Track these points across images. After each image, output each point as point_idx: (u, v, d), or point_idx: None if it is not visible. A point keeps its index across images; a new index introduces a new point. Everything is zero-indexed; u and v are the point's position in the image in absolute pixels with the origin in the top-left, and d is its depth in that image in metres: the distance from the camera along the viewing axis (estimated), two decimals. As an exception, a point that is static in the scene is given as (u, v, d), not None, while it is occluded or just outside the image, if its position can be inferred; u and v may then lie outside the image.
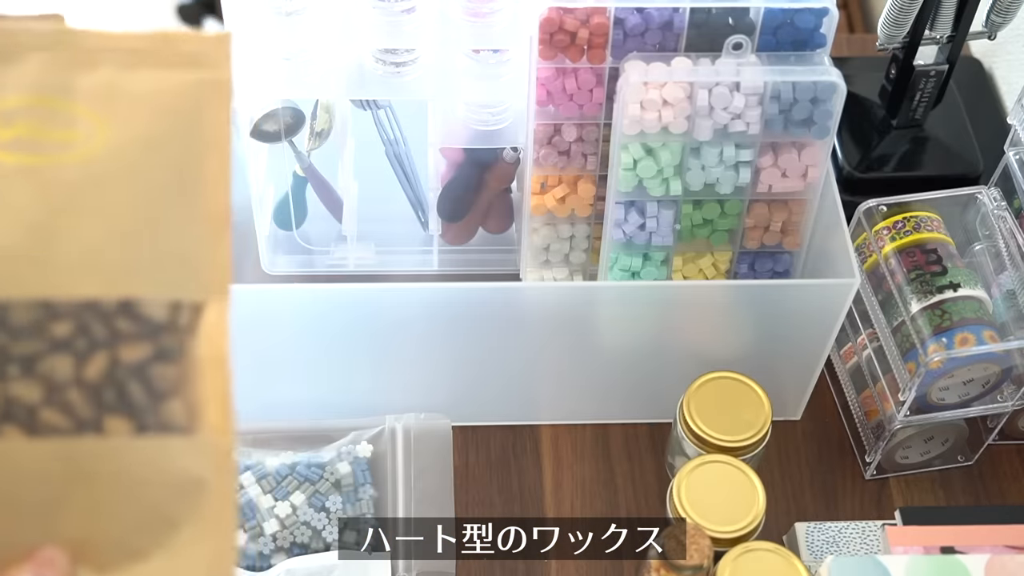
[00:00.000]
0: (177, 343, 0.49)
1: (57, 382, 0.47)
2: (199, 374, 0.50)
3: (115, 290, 0.48)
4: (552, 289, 0.98)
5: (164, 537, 0.49)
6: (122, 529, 0.49)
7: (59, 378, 0.48)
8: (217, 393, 0.50)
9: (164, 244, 0.49)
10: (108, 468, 0.48)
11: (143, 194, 0.49)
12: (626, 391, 1.05)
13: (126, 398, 0.48)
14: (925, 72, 1.12)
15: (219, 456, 0.49)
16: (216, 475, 0.49)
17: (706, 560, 0.84)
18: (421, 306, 0.95)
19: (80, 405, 0.48)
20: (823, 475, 1.05)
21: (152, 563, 0.49)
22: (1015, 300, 0.97)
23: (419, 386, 1.03)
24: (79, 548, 0.49)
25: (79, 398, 0.48)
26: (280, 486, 0.95)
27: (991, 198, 1.01)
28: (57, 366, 0.48)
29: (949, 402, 0.97)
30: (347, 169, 1.06)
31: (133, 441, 0.48)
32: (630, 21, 0.89)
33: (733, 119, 0.91)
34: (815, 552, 0.95)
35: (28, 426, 0.47)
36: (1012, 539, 0.92)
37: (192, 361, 0.49)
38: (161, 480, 0.49)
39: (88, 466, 0.48)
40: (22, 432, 0.47)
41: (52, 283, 0.48)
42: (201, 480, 0.49)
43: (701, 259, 1.01)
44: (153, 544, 0.49)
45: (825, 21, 0.90)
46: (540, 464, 1.05)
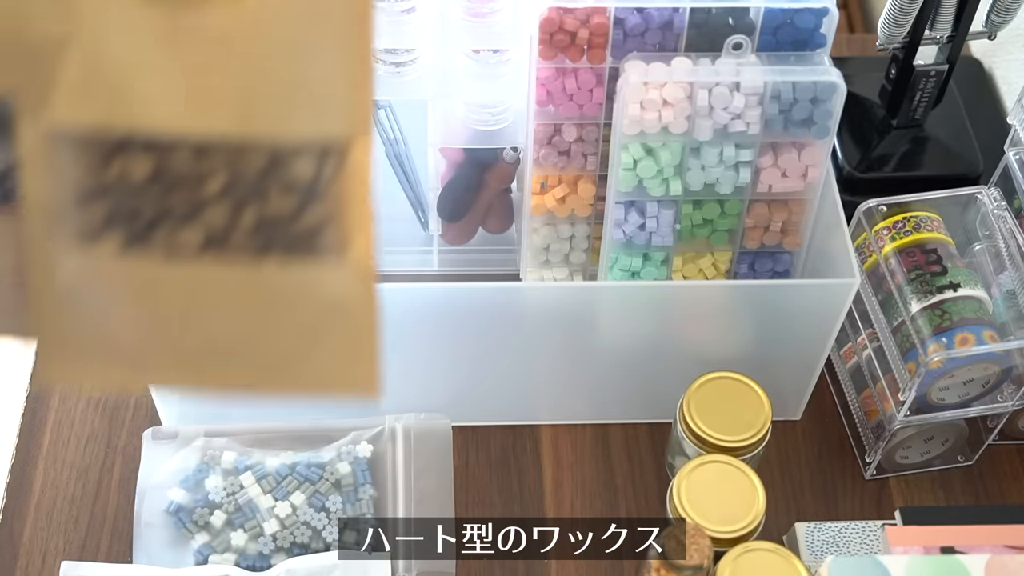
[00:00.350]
0: (326, 181, 0.54)
1: (221, 225, 0.54)
2: (347, 207, 0.54)
3: (270, 135, 0.53)
4: (552, 289, 0.98)
5: (315, 350, 0.56)
6: (279, 345, 0.56)
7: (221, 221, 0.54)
8: (363, 223, 0.55)
9: (315, 88, 0.53)
10: (280, 297, 0.55)
11: (295, 40, 0.52)
12: (626, 391, 1.05)
13: (283, 232, 0.54)
14: (925, 72, 1.12)
15: (366, 277, 0.56)
16: (364, 297, 0.56)
17: (706, 560, 0.84)
18: (421, 306, 0.95)
19: (241, 242, 0.54)
20: (823, 475, 1.05)
21: (304, 372, 0.57)
22: (1015, 300, 0.97)
23: (419, 386, 1.03)
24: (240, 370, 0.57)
25: (241, 237, 0.54)
26: (280, 486, 0.95)
27: (991, 198, 1.01)
28: (218, 210, 0.54)
29: (949, 402, 0.97)
30: (347, 169, 1.06)
31: (291, 269, 0.55)
32: (630, 21, 0.89)
33: (733, 119, 0.91)
34: (815, 552, 0.95)
35: (199, 256, 0.54)
36: (1012, 539, 0.92)
37: (341, 194, 0.54)
38: (322, 308, 0.55)
39: (262, 295, 0.55)
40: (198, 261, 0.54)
41: (212, 128, 0.53)
42: (351, 302, 0.56)
43: (701, 259, 1.01)
44: (305, 357, 0.57)
45: (825, 21, 0.90)
46: (540, 464, 1.05)
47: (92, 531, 1.00)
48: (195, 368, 0.58)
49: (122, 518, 1.01)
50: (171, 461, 0.98)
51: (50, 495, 1.02)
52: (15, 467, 1.04)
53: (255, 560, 0.94)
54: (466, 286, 0.94)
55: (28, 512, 1.01)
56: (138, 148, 0.53)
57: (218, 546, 0.94)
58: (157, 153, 0.54)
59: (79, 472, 1.03)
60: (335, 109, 0.55)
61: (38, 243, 0.56)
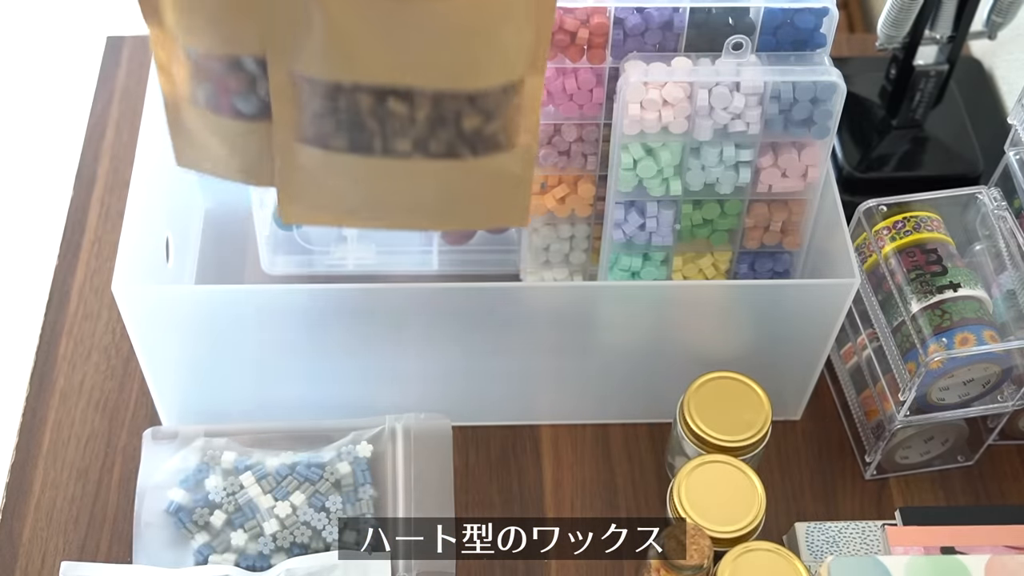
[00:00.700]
0: (506, 104, 0.77)
1: (423, 137, 0.78)
2: (519, 116, 0.79)
3: (469, 87, 0.76)
4: (552, 289, 0.98)
5: (491, 201, 0.83)
6: (462, 199, 0.82)
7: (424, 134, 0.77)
8: (529, 123, 0.79)
9: (508, 50, 0.75)
10: (466, 177, 0.80)
11: (493, 15, 0.72)
12: (626, 391, 1.05)
13: (471, 140, 0.78)
14: (925, 72, 1.12)
15: (527, 158, 0.81)
16: (525, 169, 0.81)
17: (706, 560, 0.84)
18: (421, 306, 0.95)
19: (439, 148, 0.78)
20: (823, 475, 1.05)
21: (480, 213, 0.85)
22: (1015, 300, 0.97)
23: (419, 386, 1.03)
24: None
25: (439, 145, 0.78)
26: (280, 486, 0.95)
27: (991, 198, 1.01)
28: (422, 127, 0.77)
29: (949, 402, 0.97)
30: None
31: (477, 160, 0.79)
32: (630, 21, 0.89)
33: (733, 119, 0.91)
34: (815, 552, 0.95)
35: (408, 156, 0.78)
36: (1012, 539, 0.93)
37: (515, 109, 0.78)
38: (497, 180, 0.81)
39: (453, 176, 0.80)
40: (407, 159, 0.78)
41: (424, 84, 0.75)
42: (519, 176, 0.81)
43: (701, 259, 1.01)
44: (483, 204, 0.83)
45: (825, 21, 0.90)
46: (540, 464, 1.05)
47: (92, 531, 1.00)
48: (397, 217, 0.84)
49: (122, 518, 1.01)
50: (171, 461, 0.98)
51: (50, 495, 1.02)
52: (15, 467, 1.04)
53: (255, 560, 0.94)
54: (466, 286, 0.94)
55: (28, 512, 1.01)
56: (363, 90, 0.76)
57: (218, 546, 0.94)
58: (376, 94, 0.76)
59: (79, 472, 1.03)
60: (520, 60, 0.76)
61: (286, 142, 0.79)
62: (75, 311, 1.13)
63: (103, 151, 1.24)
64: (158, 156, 1.01)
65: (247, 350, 0.98)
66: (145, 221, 0.98)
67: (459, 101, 0.76)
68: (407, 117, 0.76)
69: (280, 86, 0.76)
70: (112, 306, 0.93)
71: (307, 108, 0.77)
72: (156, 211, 1.01)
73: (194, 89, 0.80)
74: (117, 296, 0.91)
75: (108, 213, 1.18)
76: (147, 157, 0.98)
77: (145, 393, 1.04)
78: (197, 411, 1.04)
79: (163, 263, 1.03)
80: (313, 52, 0.74)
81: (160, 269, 1.02)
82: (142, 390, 1.06)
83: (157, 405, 1.03)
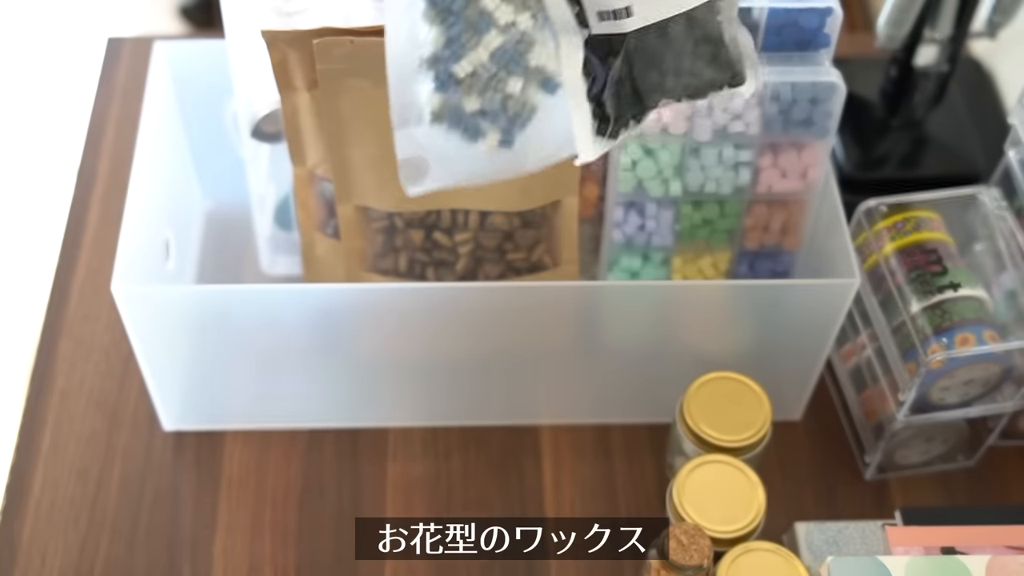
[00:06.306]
0: (546, 220, 0.94)
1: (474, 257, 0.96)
2: (560, 232, 0.94)
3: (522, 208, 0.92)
4: (552, 289, 0.98)
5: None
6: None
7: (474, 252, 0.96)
8: (570, 241, 0.95)
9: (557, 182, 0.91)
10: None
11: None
12: (626, 391, 1.05)
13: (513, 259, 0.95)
14: (925, 72, 1.12)
15: (571, 274, 0.97)
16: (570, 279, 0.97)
17: (706, 560, 0.84)
18: (421, 306, 0.95)
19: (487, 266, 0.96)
20: (823, 475, 1.05)
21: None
22: (1015, 300, 0.97)
23: (420, 386, 1.03)
24: None
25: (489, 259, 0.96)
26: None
27: (991, 198, 1.01)
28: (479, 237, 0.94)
29: (949, 402, 0.97)
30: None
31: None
32: (630, 21, 0.89)
33: (733, 119, 0.91)
34: (815, 552, 0.95)
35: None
36: (1013, 539, 0.92)
37: (556, 225, 0.94)
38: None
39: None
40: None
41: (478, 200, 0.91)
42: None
43: (701, 259, 1.01)
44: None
45: (829, 21, 0.90)
46: (540, 464, 1.05)
47: (92, 531, 1.00)
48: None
49: (122, 518, 1.01)
50: None
51: (50, 495, 1.02)
52: (15, 467, 1.04)
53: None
54: (466, 286, 0.94)
55: (28, 512, 1.01)
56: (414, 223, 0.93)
57: None
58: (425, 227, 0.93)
59: (79, 472, 1.03)
60: (565, 187, 0.92)
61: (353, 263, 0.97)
62: (75, 311, 1.13)
63: (103, 151, 1.24)
64: (158, 156, 1.01)
65: (247, 350, 0.98)
66: (145, 221, 0.98)
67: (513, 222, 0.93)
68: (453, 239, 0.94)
69: (345, 218, 0.93)
70: (112, 306, 0.93)
71: (370, 236, 0.95)
72: (156, 211, 1.01)
73: (326, 220, 0.95)
74: (117, 296, 0.91)
75: (108, 213, 1.18)
76: (147, 157, 0.98)
77: (145, 393, 1.04)
78: (197, 411, 1.04)
79: (163, 263, 1.03)
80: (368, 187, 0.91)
81: (160, 269, 1.02)
82: (142, 390, 1.05)
83: (157, 405, 1.03)
